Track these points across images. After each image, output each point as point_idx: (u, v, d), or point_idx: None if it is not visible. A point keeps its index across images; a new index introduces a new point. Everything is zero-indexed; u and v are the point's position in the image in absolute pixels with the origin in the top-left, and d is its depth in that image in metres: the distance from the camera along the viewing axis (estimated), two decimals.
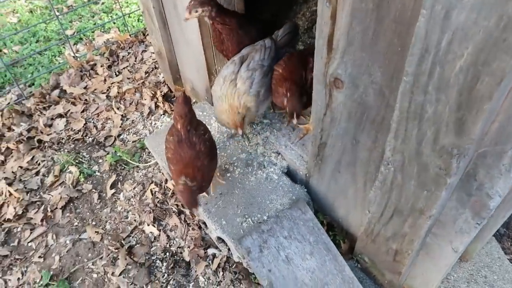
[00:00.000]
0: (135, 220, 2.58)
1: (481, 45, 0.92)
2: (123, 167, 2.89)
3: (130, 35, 3.85)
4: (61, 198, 2.70)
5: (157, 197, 2.66)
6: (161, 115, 3.20)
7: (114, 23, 4.23)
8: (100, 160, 2.95)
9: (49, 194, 2.74)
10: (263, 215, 2.09)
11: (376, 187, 1.58)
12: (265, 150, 2.37)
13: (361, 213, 1.90)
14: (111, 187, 2.77)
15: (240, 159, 2.35)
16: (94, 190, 2.76)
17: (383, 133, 1.46)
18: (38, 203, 2.71)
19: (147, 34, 3.84)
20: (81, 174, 2.84)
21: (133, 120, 3.20)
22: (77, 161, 2.94)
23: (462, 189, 1.31)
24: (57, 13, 4.43)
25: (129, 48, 3.80)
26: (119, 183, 2.80)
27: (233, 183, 2.25)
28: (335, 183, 1.98)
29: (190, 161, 1.85)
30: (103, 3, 4.56)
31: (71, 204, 2.69)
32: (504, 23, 0.85)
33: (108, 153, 2.97)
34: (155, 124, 3.15)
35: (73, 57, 3.64)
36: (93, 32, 4.11)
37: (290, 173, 2.32)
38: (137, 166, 2.88)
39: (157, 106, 3.25)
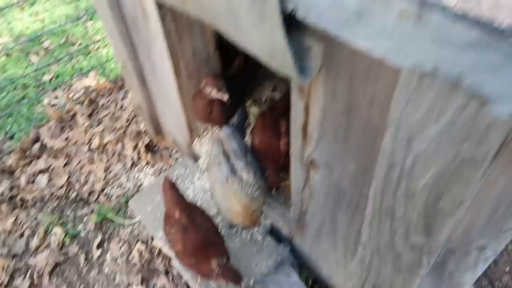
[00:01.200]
0: (123, 282, 2.58)
1: (442, 172, 0.98)
2: (108, 225, 2.88)
3: (109, 82, 3.85)
4: (47, 263, 2.67)
5: (144, 257, 2.66)
6: (144, 166, 3.21)
7: (93, 67, 4.23)
8: (85, 219, 2.93)
9: (34, 259, 2.71)
10: (250, 280, 2.12)
11: (355, 262, 1.63)
12: None
13: (343, 277, 1.94)
14: (97, 247, 2.76)
15: (224, 219, 2.37)
16: (80, 251, 2.75)
17: (359, 216, 1.52)
18: (24, 269, 2.67)
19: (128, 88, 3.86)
20: (66, 235, 2.82)
21: (116, 173, 3.20)
22: (61, 221, 2.92)
23: (436, 274, 1.37)
24: (34, 57, 4.43)
25: (109, 95, 3.80)
26: (105, 243, 2.79)
27: None
28: (317, 246, 2.02)
29: (211, 241, 1.80)
30: (80, 44, 4.56)
31: (58, 269, 2.67)
32: (459, 160, 0.91)
33: (92, 211, 2.96)
34: (138, 176, 3.16)
35: (52, 108, 3.62)
36: (72, 76, 4.10)
37: (273, 232, 2.36)
38: (122, 224, 2.88)
39: (139, 157, 3.26)
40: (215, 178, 2.04)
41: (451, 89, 0.83)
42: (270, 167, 2.08)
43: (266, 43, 1.11)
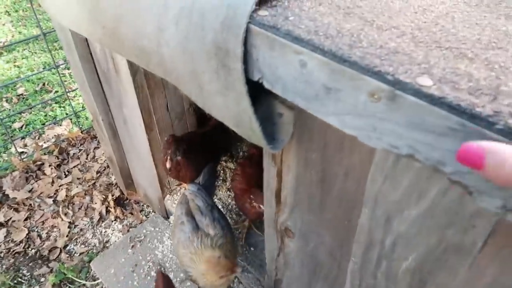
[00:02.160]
0: None
1: (425, 257, 0.89)
2: (67, 287, 2.63)
3: (82, 131, 3.73)
4: None
5: None
6: (112, 221, 3.02)
7: (67, 114, 4.11)
8: (43, 279, 2.68)
9: None
10: None
11: None
12: None
13: None
14: None
15: (193, 284, 2.19)
16: None
17: None
18: None
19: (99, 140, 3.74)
20: None
21: (81, 228, 2.99)
22: (15, 281, 2.66)
23: None
24: (6, 103, 4.29)
25: (81, 144, 3.66)
26: None
27: None
28: None
29: None
30: (56, 92, 4.46)
31: None
32: (444, 246, 0.83)
33: (51, 270, 2.72)
34: (105, 232, 2.95)
35: (19, 157, 3.44)
36: (43, 125, 3.96)
37: None
38: (84, 285, 2.64)
39: (108, 211, 3.08)
40: (178, 240, 1.91)
41: (431, 172, 0.76)
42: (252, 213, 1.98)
43: (231, 110, 1.03)
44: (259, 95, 1.01)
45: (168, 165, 2.12)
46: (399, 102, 0.66)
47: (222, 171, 2.77)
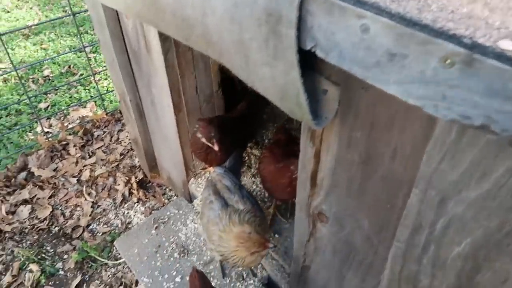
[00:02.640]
0: None
1: (482, 241, 0.83)
2: (90, 265, 2.66)
3: (106, 114, 3.74)
4: None
5: None
6: (134, 203, 3.03)
7: (91, 96, 4.14)
8: (65, 256, 2.71)
9: None
10: None
11: None
12: None
13: None
14: None
15: (218, 268, 2.18)
16: None
17: (372, 277, 1.35)
18: None
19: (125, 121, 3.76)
20: (43, 273, 2.59)
21: (104, 208, 3.01)
22: (39, 257, 2.69)
23: None
24: (33, 84, 4.35)
25: (105, 127, 3.68)
26: (85, 284, 2.56)
27: None
28: None
29: None
30: (81, 75, 4.49)
31: None
32: (506, 230, 0.77)
33: (74, 247, 2.75)
34: (127, 213, 2.97)
35: (44, 136, 3.48)
36: (68, 106, 4.00)
37: (271, 285, 2.16)
38: (106, 264, 2.66)
39: (131, 193, 3.09)
40: (207, 219, 1.89)
41: (501, 147, 0.70)
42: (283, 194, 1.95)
43: (278, 82, 1.00)
44: (302, 72, 0.96)
45: (216, 147, 2.06)
46: (477, 67, 0.61)
47: (247, 158, 2.74)
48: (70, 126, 3.68)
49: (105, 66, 4.56)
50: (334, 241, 1.44)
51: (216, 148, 2.05)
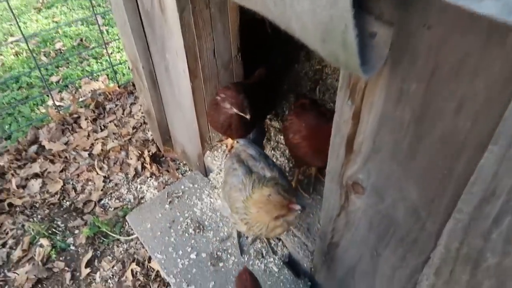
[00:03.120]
0: None
1: None
2: (101, 240, 2.56)
3: (119, 86, 3.61)
4: (27, 278, 2.35)
5: (139, 279, 2.33)
6: (147, 177, 2.91)
7: (104, 70, 4.00)
8: (77, 231, 2.62)
9: (14, 273, 2.39)
10: None
11: None
12: None
13: None
14: (87, 265, 2.43)
15: (235, 245, 2.04)
16: (67, 268, 2.42)
17: (415, 256, 1.19)
18: (1, 283, 2.35)
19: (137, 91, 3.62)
20: (53, 248, 2.50)
21: (116, 183, 2.90)
22: (50, 231, 2.61)
23: None
24: (44, 58, 4.23)
25: (117, 100, 3.55)
26: (96, 260, 2.47)
27: (227, 276, 1.94)
28: (347, 287, 1.68)
29: None
30: (93, 48, 4.35)
31: (39, 286, 2.34)
32: None
33: (86, 222, 2.65)
34: (140, 188, 2.85)
35: (56, 109, 3.37)
36: (80, 79, 3.87)
37: (292, 264, 2.03)
38: (118, 239, 2.56)
39: (143, 168, 2.97)
40: (230, 186, 1.75)
41: None
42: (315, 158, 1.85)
43: (320, 17, 0.82)
44: None
45: (248, 116, 1.91)
46: None
47: (266, 130, 2.58)
48: (81, 99, 3.56)
49: (118, 38, 4.41)
50: (370, 214, 1.28)
51: (248, 116, 1.90)
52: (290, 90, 2.73)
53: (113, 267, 2.43)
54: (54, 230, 2.62)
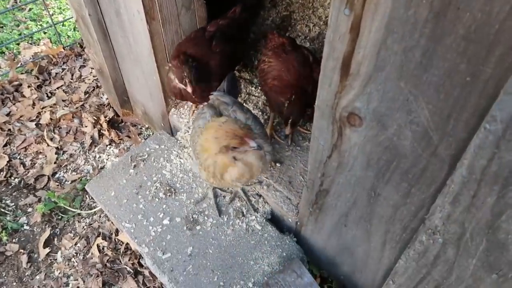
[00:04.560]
0: (78, 287, 2.02)
1: None
2: (60, 217, 2.29)
3: (64, 48, 3.22)
4: None
5: (106, 255, 2.11)
6: (106, 145, 2.63)
7: (45, 33, 3.56)
8: (30, 209, 2.33)
9: None
10: (247, 281, 1.63)
11: (409, 257, 1.18)
12: (243, 191, 1.90)
13: (374, 274, 1.49)
14: (45, 244, 2.17)
15: (212, 206, 1.86)
16: (22, 250, 2.15)
17: (422, 189, 1.06)
18: None
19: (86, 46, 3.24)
20: (4, 230, 2.21)
21: (71, 154, 2.60)
22: None
23: None
24: None
25: (64, 63, 3.17)
26: (56, 239, 2.21)
27: (205, 239, 1.76)
28: (338, 237, 1.56)
29: None
30: (30, 9, 3.86)
31: None
32: None
33: (39, 199, 2.36)
34: (99, 157, 2.58)
35: None
36: (18, 44, 3.42)
37: (275, 220, 1.88)
38: (79, 214, 2.30)
39: (101, 135, 2.68)
40: (195, 131, 1.58)
41: None
42: (297, 94, 1.68)
43: None
44: None
45: (189, 88, 1.74)
46: None
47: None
48: (21, 64, 3.15)
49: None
50: (369, 148, 1.13)
51: (189, 90, 1.75)
52: (257, 40, 2.51)
53: (76, 244, 2.18)
54: (2, 210, 2.31)
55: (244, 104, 2.19)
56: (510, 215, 0.83)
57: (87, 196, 2.37)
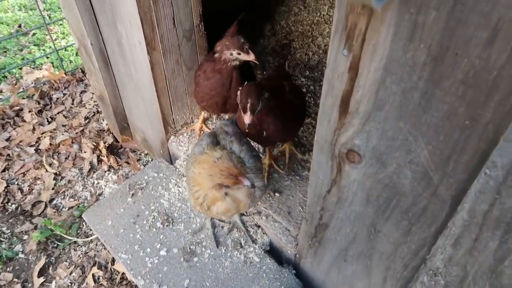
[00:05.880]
0: None
1: None
2: (55, 245, 2.26)
3: (66, 73, 3.25)
4: None
5: (102, 285, 2.07)
6: (105, 171, 2.62)
7: (47, 57, 3.60)
8: (26, 237, 2.30)
9: None
10: None
11: None
12: (241, 222, 1.87)
13: None
14: (40, 274, 2.13)
15: (210, 236, 1.83)
16: (16, 279, 2.11)
17: (423, 228, 1.04)
18: None
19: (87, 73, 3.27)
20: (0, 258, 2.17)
21: (69, 180, 2.59)
22: None
23: None
24: None
25: (65, 88, 3.19)
26: (51, 268, 2.17)
27: (203, 271, 1.73)
28: (337, 272, 1.52)
29: None
30: (34, 34, 3.93)
31: None
32: None
33: (36, 226, 2.33)
34: (98, 183, 2.56)
35: None
36: (20, 69, 3.46)
37: (273, 252, 1.85)
38: (75, 242, 2.27)
39: (100, 161, 2.67)
40: (191, 157, 1.58)
41: None
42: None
43: None
44: None
45: (253, 56, 1.65)
46: None
47: None
48: (23, 89, 3.17)
49: (61, 24, 4.01)
50: (368, 186, 1.12)
51: (253, 57, 1.65)
52: (256, 67, 2.53)
53: (71, 273, 2.14)
54: None
55: None
56: None
57: (84, 223, 2.34)
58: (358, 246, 1.33)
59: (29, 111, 2.98)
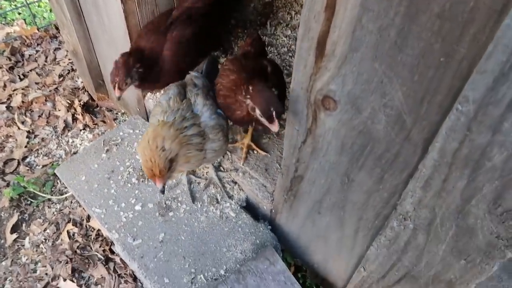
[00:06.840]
0: (46, 274, 1.96)
1: None
2: (29, 202, 2.21)
3: (38, 29, 3.10)
4: None
5: (77, 241, 2.05)
6: (80, 130, 2.55)
7: (19, 13, 3.43)
8: None
9: None
10: (219, 268, 1.60)
11: (380, 243, 1.17)
12: (217, 178, 1.86)
13: (347, 262, 1.48)
14: (13, 230, 2.10)
15: (185, 192, 1.82)
16: None
17: (395, 175, 1.05)
18: None
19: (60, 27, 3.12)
20: None
21: (43, 138, 2.52)
22: None
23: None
24: None
25: (38, 45, 3.05)
26: (24, 224, 2.13)
27: (178, 226, 1.72)
28: (311, 224, 1.54)
29: None
30: None
31: None
32: None
33: (8, 184, 2.27)
34: (72, 142, 2.50)
35: None
36: None
37: (250, 207, 1.85)
38: (49, 199, 2.23)
39: (75, 119, 2.59)
40: (157, 102, 1.57)
41: None
42: (254, 83, 1.42)
43: None
44: None
45: (117, 93, 1.63)
46: None
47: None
48: None
49: None
50: (343, 134, 1.11)
51: (117, 93, 1.63)
52: (238, 26, 2.46)
53: (45, 230, 2.11)
54: None
55: None
56: (480, 200, 0.82)
57: (58, 181, 2.30)
58: (332, 197, 1.34)
59: (0, 67, 2.85)
